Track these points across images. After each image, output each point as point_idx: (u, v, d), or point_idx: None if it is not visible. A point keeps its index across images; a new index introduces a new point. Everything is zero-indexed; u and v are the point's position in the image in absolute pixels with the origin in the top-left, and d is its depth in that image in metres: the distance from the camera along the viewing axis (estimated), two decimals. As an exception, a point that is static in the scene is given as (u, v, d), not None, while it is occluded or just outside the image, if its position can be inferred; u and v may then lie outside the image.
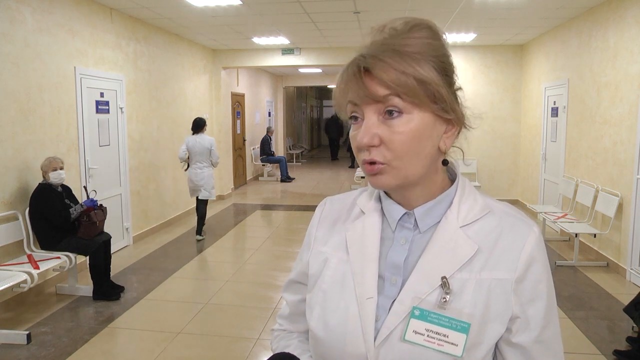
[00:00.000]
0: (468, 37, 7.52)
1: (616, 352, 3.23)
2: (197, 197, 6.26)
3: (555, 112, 6.81)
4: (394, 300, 0.79)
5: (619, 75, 4.98)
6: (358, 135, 0.76)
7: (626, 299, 4.18)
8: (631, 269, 4.67)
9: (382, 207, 0.87)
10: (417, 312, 0.77)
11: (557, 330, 0.81)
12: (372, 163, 0.76)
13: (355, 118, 0.78)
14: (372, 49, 0.75)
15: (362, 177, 9.77)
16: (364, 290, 0.81)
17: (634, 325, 3.61)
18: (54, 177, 4.15)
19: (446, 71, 0.77)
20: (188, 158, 6.18)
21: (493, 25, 6.70)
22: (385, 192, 0.87)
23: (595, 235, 5.37)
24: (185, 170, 6.30)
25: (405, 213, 0.83)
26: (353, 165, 14.47)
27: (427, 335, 0.75)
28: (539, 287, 0.78)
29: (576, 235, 5.19)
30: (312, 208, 8.49)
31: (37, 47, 4.43)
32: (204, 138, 6.18)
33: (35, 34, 4.42)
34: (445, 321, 0.76)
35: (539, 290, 0.78)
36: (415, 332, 0.76)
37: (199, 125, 6.21)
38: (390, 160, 0.75)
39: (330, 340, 0.82)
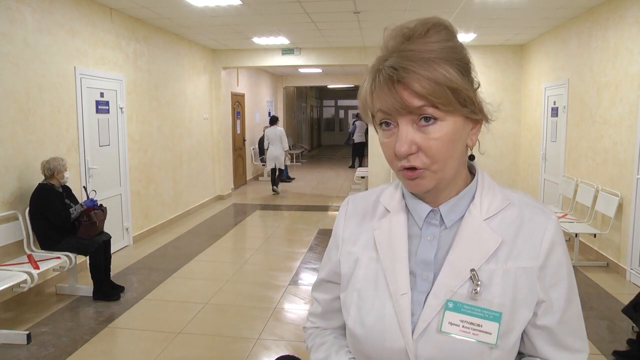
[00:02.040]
0: (468, 37, 7.52)
1: (616, 353, 3.23)
2: (274, 168, 9.82)
3: (555, 112, 6.81)
4: (428, 295, 0.82)
5: (619, 75, 4.98)
6: (396, 145, 0.77)
7: (626, 299, 4.18)
8: (631, 269, 4.67)
9: (406, 205, 0.90)
10: (450, 305, 0.80)
11: (579, 309, 0.86)
12: (412, 169, 0.78)
13: (387, 124, 0.79)
14: (399, 59, 0.75)
15: (362, 177, 9.77)
16: (397, 287, 0.84)
17: (634, 325, 3.62)
18: (66, 178, 4.19)
19: (468, 72, 0.80)
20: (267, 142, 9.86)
21: (493, 25, 6.70)
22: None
23: (595, 235, 5.37)
24: (266, 149, 9.96)
25: (431, 210, 0.86)
26: (353, 165, 14.47)
27: (462, 326, 0.79)
28: (560, 271, 0.83)
29: (576, 235, 5.19)
30: (312, 208, 8.57)
31: (37, 47, 4.43)
32: (277, 129, 9.88)
33: (35, 34, 4.42)
34: (478, 311, 0.79)
35: (561, 274, 0.83)
36: (451, 324, 0.79)
37: (273, 120, 10.10)
38: (428, 165, 0.78)
39: (369, 337, 0.85)
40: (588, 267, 5.12)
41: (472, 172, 0.91)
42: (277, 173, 9.96)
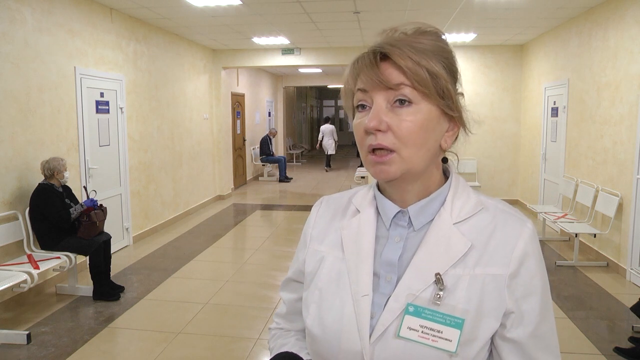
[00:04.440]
0: (468, 37, 7.52)
1: (617, 350, 3.22)
2: (327, 153, 13.90)
3: (555, 112, 6.81)
4: (389, 298, 0.80)
5: (619, 75, 4.98)
6: (366, 119, 0.77)
7: (626, 299, 4.19)
8: (631, 269, 4.67)
9: (377, 206, 0.88)
10: (411, 309, 0.77)
11: (552, 325, 0.82)
12: (378, 149, 0.77)
13: (363, 107, 0.80)
14: (388, 39, 0.79)
15: (362, 177, 9.77)
16: (359, 287, 0.82)
17: (634, 325, 3.62)
18: (65, 177, 4.19)
19: (453, 72, 0.81)
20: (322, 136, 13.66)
21: (493, 25, 6.70)
22: (380, 191, 0.88)
23: (595, 235, 5.37)
24: (321, 140, 13.88)
25: (400, 211, 0.84)
26: (362, 164, 14.42)
27: (422, 332, 0.76)
28: (533, 283, 0.79)
29: (576, 235, 5.19)
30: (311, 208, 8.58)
31: (37, 47, 4.43)
32: (329, 126, 13.98)
33: (35, 34, 4.42)
34: (439, 317, 0.76)
35: (533, 286, 0.79)
36: (410, 329, 0.76)
37: (326, 120, 14.78)
38: (398, 147, 0.76)
39: (326, 338, 0.82)
40: (588, 267, 5.12)
41: (446, 177, 0.88)
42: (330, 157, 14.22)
